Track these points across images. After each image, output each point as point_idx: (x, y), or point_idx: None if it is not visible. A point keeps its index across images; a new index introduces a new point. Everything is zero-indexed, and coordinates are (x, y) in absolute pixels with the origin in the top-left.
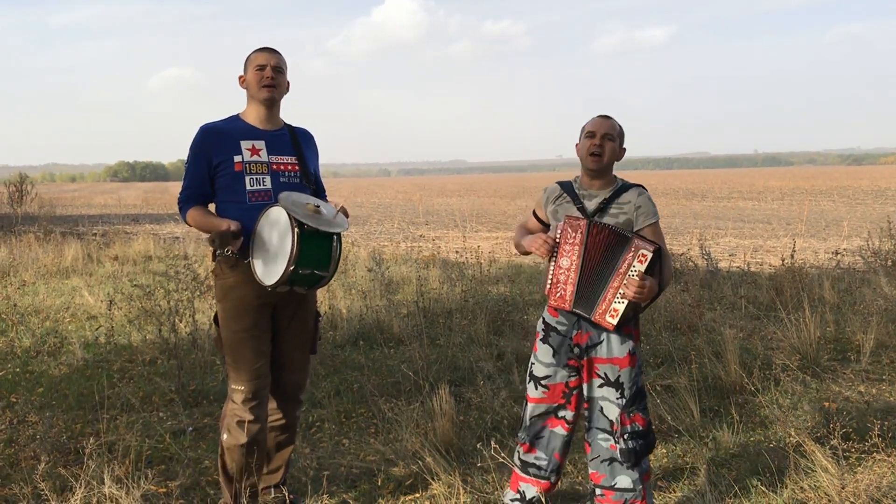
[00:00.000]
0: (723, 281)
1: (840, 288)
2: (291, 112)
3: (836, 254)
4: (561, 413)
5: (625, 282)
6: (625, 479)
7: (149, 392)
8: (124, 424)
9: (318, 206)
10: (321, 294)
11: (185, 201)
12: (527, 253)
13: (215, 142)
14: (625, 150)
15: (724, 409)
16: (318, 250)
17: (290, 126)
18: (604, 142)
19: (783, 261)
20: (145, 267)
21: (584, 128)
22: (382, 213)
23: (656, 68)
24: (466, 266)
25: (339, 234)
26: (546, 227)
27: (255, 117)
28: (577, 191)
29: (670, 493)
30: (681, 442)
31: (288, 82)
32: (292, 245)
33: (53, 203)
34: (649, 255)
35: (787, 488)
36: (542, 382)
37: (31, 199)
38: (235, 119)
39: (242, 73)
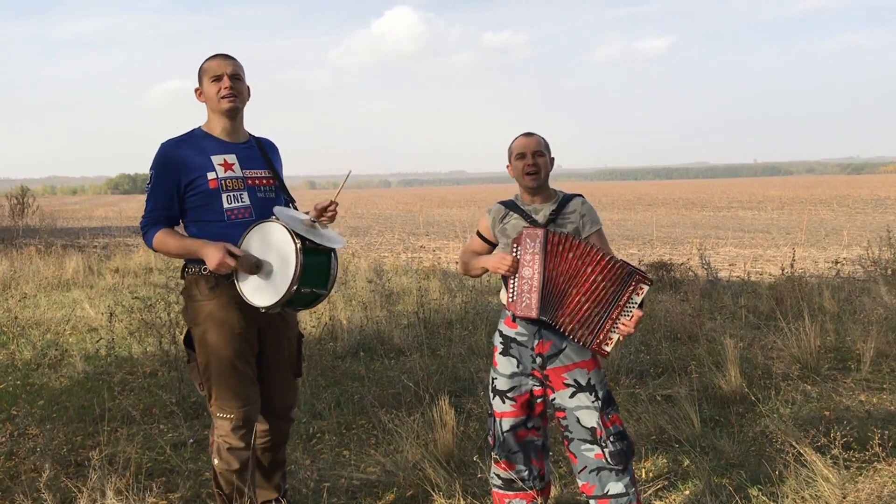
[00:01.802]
0: (723, 290)
1: (840, 297)
2: (291, 123)
3: (836, 263)
4: (530, 423)
5: (620, 317)
6: (616, 486)
7: (149, 404)
8: (125, 436)
9: (314, 221)
10: (322, 305)
11: (152, 224)
12: (481, 274)
13: (183, 160)
14: (553, 159)
15: (725, 419)
16: (317, 268)
17: (255, 137)
18: (535, 159)
19: (783, 270)
20: (146, 279)
21: (510, 150)
22: (383, 224)
23: (655, 78)
24: (467, 277)
25: (335, 251)
26: (493, 246)
27: (220, 130)
28: (522, 207)
29: (671, 502)
30: (681, 451)
31: (248, 87)
32: (296, 263)
33: (54, 216)
34: (646, 289)
35: (787, 498)
36: (509, 395)
37: (32, 211)
38: (199, 132)
39: (198, 86)
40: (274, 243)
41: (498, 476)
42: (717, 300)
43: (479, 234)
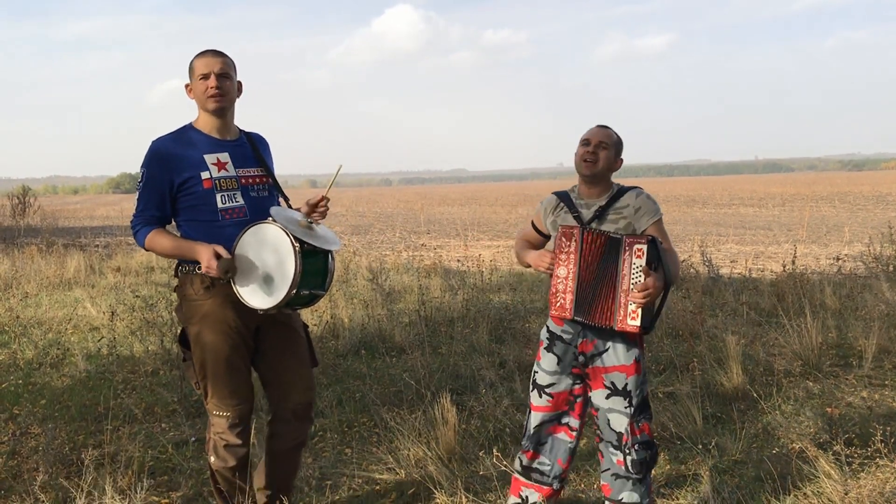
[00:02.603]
0: (724, 287)
1: (842, 293)
2: (292, 123)
3: (838, 259)
4: (564, 420)
5: (632, 285)
6: (631, 495)
7: (151, 403)
8: (127, 435)
9: (311, 222)
10: (323, 303)
11: (143, 224)
12: (529, 266)
13: (176, 159)
14: (622, 160)
15: (727, 416)
16: (316, 269)
17: (246, 133)
18: (597, 149)
19: (784, 267)
20: (147, 278)
21: (582, 137)
22: (384, 223)
23: (656, 76)
24: (468, 274)
25: (331, 252)
26: (546, 237)
27: (211, 127)
28: (574, 200)
29: (673, 500)
30: (683, 449)
31: (240, 83)
32: (295, 266)
33: (56, 215)
34: (644, 248)
35: (790, 495)
36: (547, 391)
37: (33, 211)
38: (190, 130)
39: (188, 82)
40: (271, 245)
41: (520, 461)
42: (719, 297)
43: (532, 224)
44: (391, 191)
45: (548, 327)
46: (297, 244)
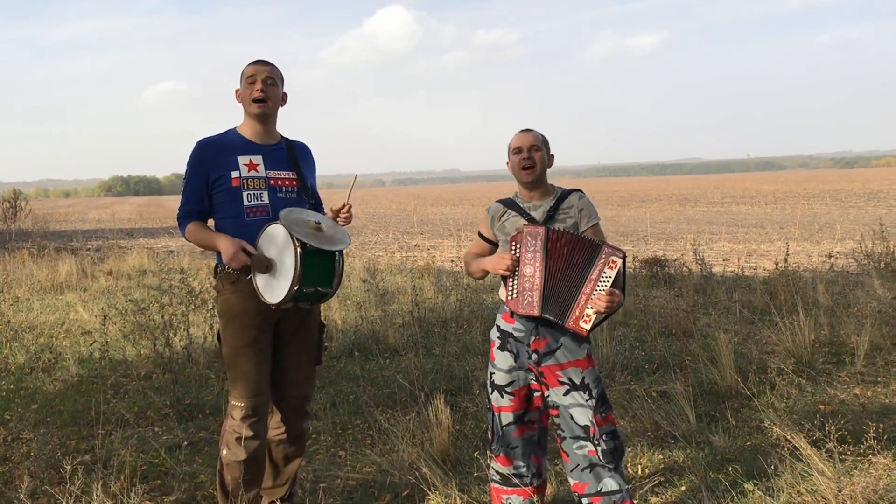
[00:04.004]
0: (717, 285)
1: (834, 291)
2: (284, 124)
3: (830, 257)
4: (527, 417)
5: (595, 292)
6: (611, 482)
7: (144, 407)
8: (119, 440)
9: (319, 223)
10: None
11: (184, 217)
12: (484, 276)
13: (212, 157)
14: (553, 156)
15: (720, 414)
16: (320, 268)
17: (287, 140)
18: (531, 153)
19: (777, 264)
20: (140, 281)
21: (509, 146)
22: (377, 224)
23: (649, 75)
24: (461, 275)
25: (341, 251)
26: (494, 246)
27: (251, 132)
28: (520, 205)
29: (667, 498)
30: (677, 447)
31: (285, 94)
32: (296, 265)
33: (47, 219)
34: (619, 262)
35: (783, 492)
36: (507, 390)
37: (24, 214)
38: (232, 133)
39: (238, 87)
40: (278, 244)
41: (496, 471)
42: (712, 295)
43: (480, 235)
44: (384, 191)
45: (498, 327)
46: (298, 245)
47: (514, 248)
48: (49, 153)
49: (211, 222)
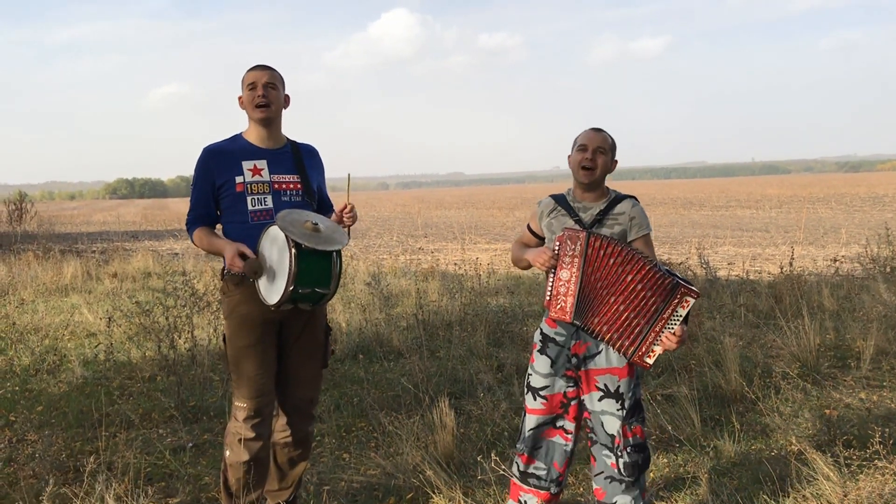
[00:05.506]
0: (722, 289)
1: (839, 295)
2: (289, 127)
3: (835, 261)
4: (559, 423)
5: (665, 329)
6: (624, 498)
7: (148, 409)
8: (124, 442)
9: (317, 224)
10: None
11: (192, 222)
12: (527, 267)
13: (217, 163)
14: (616, 162)
15: (725, 418)
16: (316, 269)
17: (293, 143)
18: (595, 155)
19: (782, 268)
20: (144, 284)
21: (576, 140)
22: (381, 227)
23: (652, 79)
24: (465, 278)
25: (338, 251)
26: (542, 240)
27: (256, 136)
28: (571, 203)
29: (672, 503)
30: (682, 451)
31: (287, 96)
32: (290, 265)
33: (52, 221)
34: (692, 302)
35: (789, 497)
36: (541, 393)
37: (30, 217)
38: (238, 138)
39: (241, 93)
40: (277, 246)
41: (517, 466)
42: (717, 299)
43: (528, 228)
44: (388, 195)
45: (541, 329)
46: (293, 245)
47: (556, 247)
48: (54, 156)
49: (220, 227)
